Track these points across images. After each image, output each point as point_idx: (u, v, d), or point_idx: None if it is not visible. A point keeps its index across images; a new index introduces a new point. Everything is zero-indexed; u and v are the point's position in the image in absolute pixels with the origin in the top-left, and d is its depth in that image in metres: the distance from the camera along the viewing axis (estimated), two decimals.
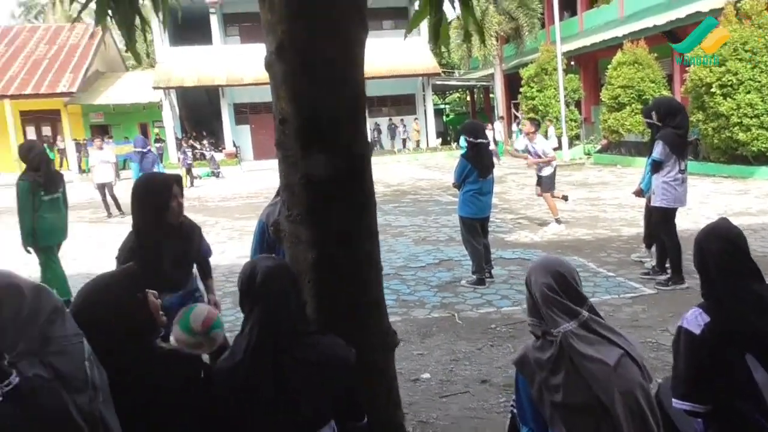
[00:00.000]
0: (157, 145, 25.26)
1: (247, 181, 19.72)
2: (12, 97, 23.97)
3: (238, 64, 24.49)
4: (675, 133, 5.38)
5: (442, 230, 9.04)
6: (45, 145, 23.48)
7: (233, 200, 14.92)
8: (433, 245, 8.03)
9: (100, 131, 26.82)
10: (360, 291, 2.35)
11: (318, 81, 2.19)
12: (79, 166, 23.80)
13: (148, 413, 1.72)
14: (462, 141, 6.30)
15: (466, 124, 6.90)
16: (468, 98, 37.91)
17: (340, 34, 2.21)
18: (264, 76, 2.34)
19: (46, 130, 26.85)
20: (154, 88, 24.59)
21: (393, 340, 2.49)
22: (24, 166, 5.76)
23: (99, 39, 25.27)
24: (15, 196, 5.63)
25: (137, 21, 2.36)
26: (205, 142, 26.25)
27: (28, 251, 5.76)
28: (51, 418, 1.38)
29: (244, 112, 27.53)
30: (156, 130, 26.77)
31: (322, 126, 2.21)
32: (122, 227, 10.96)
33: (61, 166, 23.37)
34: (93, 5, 2.35)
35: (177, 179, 3.18)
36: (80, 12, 2.34)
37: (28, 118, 25.53)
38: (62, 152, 25.23)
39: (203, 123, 28.49)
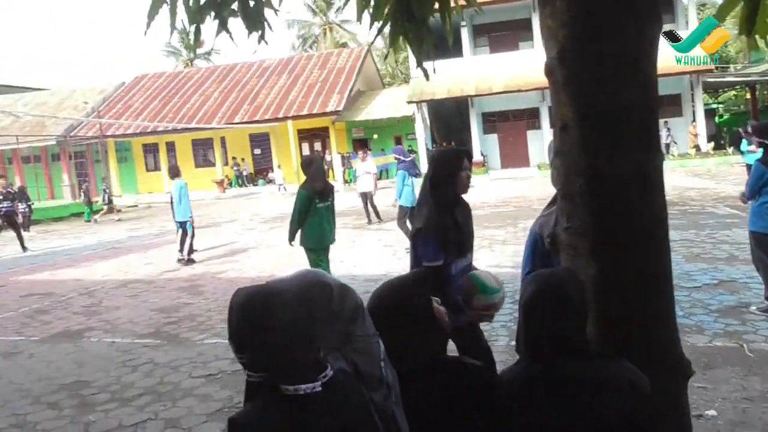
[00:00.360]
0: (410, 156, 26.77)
1: (495, 190, 19.77)
2: (293, 118, 27.65)
3: (487, 73, 24.86)
4: None
5: (720, 246, 7.93)
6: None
7: (481, 209, 15.04)
8: (710, 263, 7.07)
9: (361, 144, 29.49)
10: (648, 311, 2.11)
11: (605, 83, 2.01)
12: (343, 177, 26.35)
13: (432, 422, 1.73)
14: (744, 145, 5.41)
15: (760, 125, 5.93)
16: (747, 96, 33.03)
17: (630, 32, 2.00)
18: (513, 83, 2.23)
19: (317, 146, 30.36)
20: (408, 102, 26.17)
21: (688, 369, 2.19)
22: (303, 177, 6.54)
23: (362, 60, 27.76)
24: (294, 202, 6.39)
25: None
26: None
27: (292, 245, 6.43)
28: (355, 412, 1.44)
29: (492, 121, 27.81)
30: (408, 143, 28.46)
31: (610, 131, 2.02)
32: (380, 233, 11.93)
33: (328, 177, 26.17)
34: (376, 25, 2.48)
35: (468, 153, 3.21)
36: (377, 35, 2.49)
37: (303, 135, 29.15)
38: (329, 164, 28.25)
39: (452, 133, 29.43)
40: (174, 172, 10.54)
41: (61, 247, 14.14)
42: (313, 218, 6.25)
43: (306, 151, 29.31)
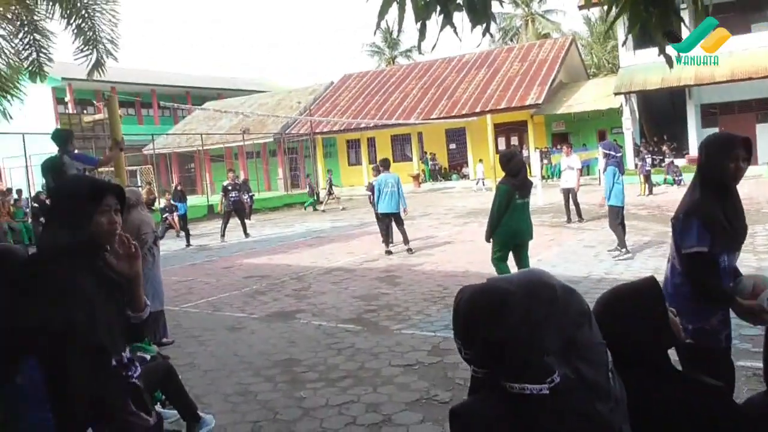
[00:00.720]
0: (602, 150, 25.10)
1: None
2: (490, 112, 27.44)
3: (709, 59, 22.24)
4: None
5: None
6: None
7: None
8: None
9: (561, 139, 28.29)
10: None
11: None
12: (541, 173, 25.52)
13: None
14: None
15: None
16: None
17: None
18: (741, 70, 1.86)
19: (514, 140, 29.78)
20: (615, 93, 24.47)
21: None
22: (500, 172, 6.42)
23: (566, 51, 26.59)
24: (493, 198, 6.28)
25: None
26: (664, 147, 24.78)
27: (489, 241, 6.37)
28: (580, 421, 1.36)
29: (712, 113, 24.89)
30: (613, 137, 26.65)
31: None
32: (581, 233, 11.31)
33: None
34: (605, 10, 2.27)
35: (744, 141, 2.75)
36: (614, 21, 2.29)
37: (499, 130, 28.75)
38: (526, 160, 27.57)
39: (664, 127, 26.95)
40: (385, 165, 10.95)
41: (275, 235, 15.63)
42: (513, 214, 6.14)
43: (502, 146, 28.91)
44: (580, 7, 25.61)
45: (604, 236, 10.74)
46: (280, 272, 9.66)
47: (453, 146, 31.65)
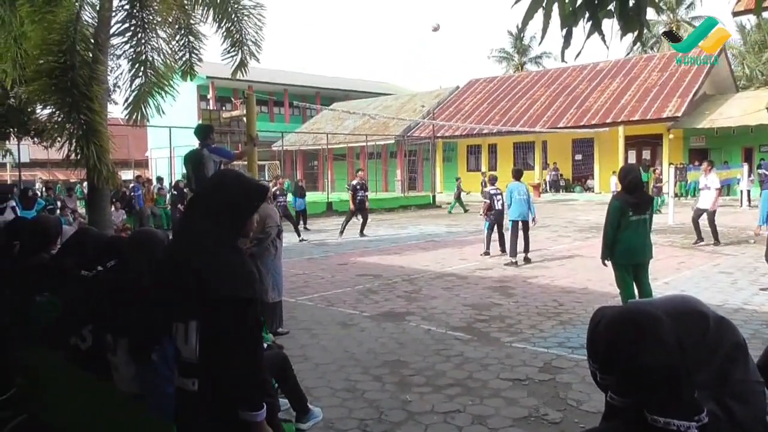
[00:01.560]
0: (760, 171, 22.93)
1: None
2: (623, 123, 26.06)
3: None
4: None
5: None
6: (641, 167, 24.65)
7: None
8: None
9: (699, 155, 26.26)
10: None
11: None
12: (675, 191, 23.85)
13: None
14: None
15: None
16: None
17: None
18: None
19: (646, 154, 28.07)
20: None
21: None
22: (620, 187, 6.07)
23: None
24: (606, 214, 5.95)
25: None
26: None
27: (605, 264, 6.01)
28: None
29: None
30: (761, 155, 24.39)
31: None
32: (716, 257, 10.42)
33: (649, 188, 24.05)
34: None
35: None
36: None
37: (630, 142, 27.22)
38: (658, 176, 25.86)
39: None
40: (516, 175, 11.08)
41: (388, 235, 15.83)
42: (625, 232, 5.81)
43: (632, 159, 27.38)
44: (735, 14, 23.58)
45: (744, 263, 9.84)
46: (393, 273, 9.77)
47: (579, 157, 30.42)
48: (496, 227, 11.45)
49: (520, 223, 10.56)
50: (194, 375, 1.99)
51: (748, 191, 21.70)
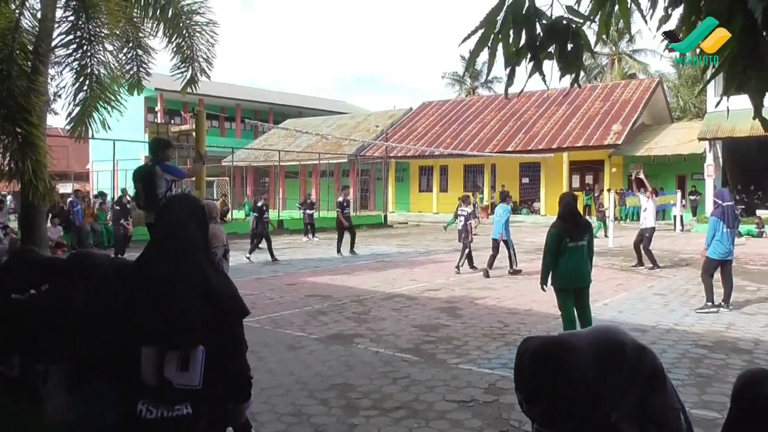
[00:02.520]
0: (692, 198, 24.12)
1: None
2: (567, 149, 26.98)
3: None
4: None
5: None
6: (584, 192, 25.51)
7: None
8: None
9: (637, 182, 27.38)
10: None
11: None
12: (615, 215, 24.73)
13: None
14: None
15: None
16: None
17: None
18: None
19: (588, 179, 29.08)
20: (700, 139, 23.53)
21: None
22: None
23: (651, 92, 25.88)
24: (545, 242, 6.15)
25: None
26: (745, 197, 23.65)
27: (543, 289, 6.22)
28: None
29: None
30: (693, 183, 25.65)
31: None
32: (651, 280, 10.86)
33: (591, 213, 24.94)
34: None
35: None
36: (711, 78, 2.26)
37: (574, 167, 28.18)
38: (597, 199, 26.84)
39: (749, 176, 25.64)
40: (502, 197, 12.76)
41: (340, 255, 15.79)
42: (563, 258, 6.02)
43: (576, 184, 28.31)
44: (670, 49, 24.84)
45: (677, 285, 10.31)
46: (342, 294, 9.77)
47: (526, 180, 31.22)
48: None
49: (500, 242, 11.93)
50: (190, 400, 1.95)
51: (681, 216, 22.78)
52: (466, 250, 12.26)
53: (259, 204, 15.54)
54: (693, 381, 5.23)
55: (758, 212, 22.59)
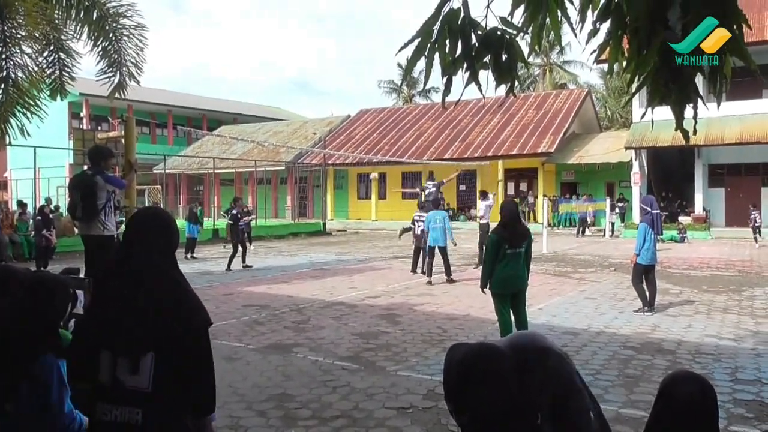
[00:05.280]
0: (620, 204, 25.24)
1: (717, 250, 17.70)
2: (502, 157, 27.68)
3: (719, 122, 22.50)
4: None
5: None
6: (518, 199, 26.29)
7: (699, 269, 13.55)
8: None
9: (569, 188, 28.43)
10: None
11: None
12: (548, 221, 25.57)
13: None
14: None
15: None
16: None
17: None
18: (750, 134, 1.92)
19: (523, 186, 29.93)
20: (626, 148, 24.64)
21: None
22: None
23: (581, 103, 26.92)
24: (485, 248, 6.36)
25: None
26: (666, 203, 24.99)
27: (484, 292, 6.44)
28: None
29: (719, 174, 25.15)
30: (621, 190, 26.82)
31: None
32: (583, 284, 11.26)
33: (529, 219, 25.72)
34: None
35: None
36: (634, 94, 2.37)
37: (510, 175, 28.98)
38: (531, 207, 27.71)
39: (672, 184, 27.09)
40: (435, 204, 12.70)
41: (277, 264, 15.61)
42: (501, 263, 6.20)
43: (511, 191, 29.07)
44: (597, 61, 25.92)
45: (607, 289, 10.72)
46: (280, 303, 9.63)
47: (463, 188, 31.77)
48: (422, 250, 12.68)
49: (436, 248, 11.72)
50: (141, 405, 2.01)
51: (612, 223, 23.77)
52: (423, 254, 12.42)
53: (234, 212, 15.03)
54: (621, 381, 5.44)
55: (681, 219, 23.86)
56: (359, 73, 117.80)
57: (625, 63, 2.32)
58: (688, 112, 2.19)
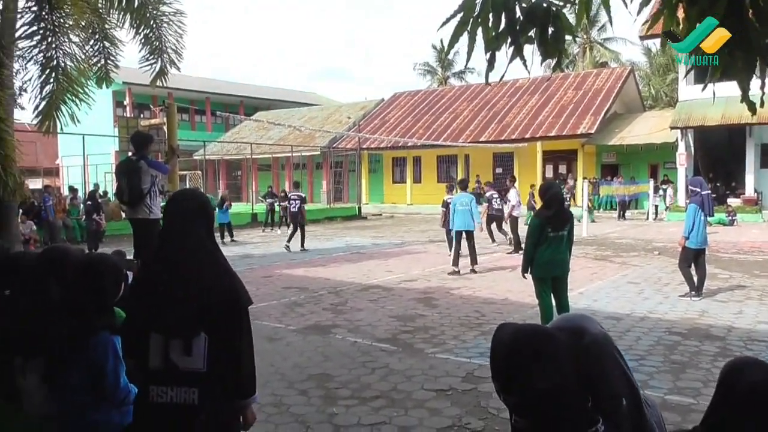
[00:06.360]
0: (664, 186, 24.57)
1: None
2: (540, 139, 27.19)
3: None
4: None
5: None
6: (558, 181, 25.78)
7: (751, 253, 13.10)
8: None
9: (610, 171, 27.79)
10: None
11: None
12: (589, 204, 25.09)
13: None
14: None
15: None
16: None
17: None
18: None
19: (562, 168, 29.38)
20: (672, 127, 23.89)
21: None
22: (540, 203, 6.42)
23: (623, 81, 26.17)
24: (527, 231, 6.26)
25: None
26: (718, 184, 24.19)
27: (525, 277, 6.35)
28: None
29: None
30: (665, 172, 26.07)
31: None
32: (625, 268, 11.02)
33: (570, 203, 25.27)
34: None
35: None
36: (694, 64, 2.27)
37: (548, 157, 28.40)
38: (571, 190, 27.16)
39: (719, 165, 26.19)
40: (462, 185, 11.88)
41: (314, 248, 15.72)
42: (542, 247, 6.10)
43: (549, 174, 28.58)
44: (642, 38, 25.12)
45: (650, 273, 10.47)
46: (318, 285, 9.72)
47: (499, 171, 31.40)
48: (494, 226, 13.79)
49: (463, 233, 10.86)
50: (196, 384, 2.07)
51: (656, 206, 23.13)
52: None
53: (301, 194, 15.52)
54: (667, 367, 5.32)
55: (729, 201, 23.09)
56: (393, 56, 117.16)
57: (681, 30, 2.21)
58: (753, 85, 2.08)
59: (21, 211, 14.04)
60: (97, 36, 9.44)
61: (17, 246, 8.28)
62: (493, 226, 14.53)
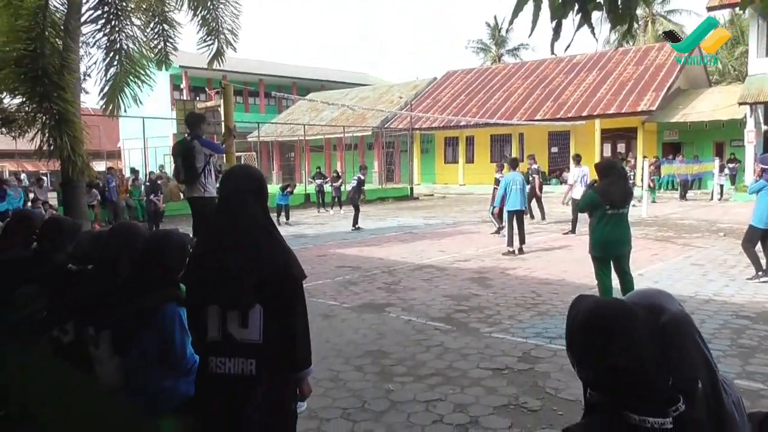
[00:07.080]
0: (730, 165, 23.47)
1: None
2: (599, 116, 26.36)
3: None
4: None
5: None
6: (619, 159, 24.95)
7: None
8: None
9: (673, 149, 26.71)
10: None
11: None
12: (649, 184, 24.24)
13: None
14: None
15: None
16: None
17: None
18: None
19: (621, 147, 28.44)
20: (740, 103, 22.74)
21: None
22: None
23: (687, 56, 25.02)
24: (579, 200, 6.12)
25: None
26: None
27: (594, 257, 6.19)
28: None
29: None
30: (731, 150, 24.90)
31: None
32: (687, 250, 10.61)
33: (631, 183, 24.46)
34: None
35: None
36: None
37: (606, 136, 27.53)
38: (632, 168, 26.24)
39: None
40: (513, 164, 11.45)
41: (367, 227, 15.82)
42: (600, 225, 5.94)
43: (608, 153, 27.72)
44: (709, 9, 23.79)
45: (714, 255, 10.06)
46: (372, 265, 9.78)
47: (555, 150, 30.69)
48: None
49: (515, 214, 10.65)
50: (254, 355, 2.11)
51: (721, 186, 22.10)
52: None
53: (362, 177, 16.49)
54: (735, 352, 5.11)
55: None
56: (444, 35, 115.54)
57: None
58: None
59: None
60: (156, 19, 9.68)
61: (86, 224, 8.65)
62: (533, 202, 14.82)
